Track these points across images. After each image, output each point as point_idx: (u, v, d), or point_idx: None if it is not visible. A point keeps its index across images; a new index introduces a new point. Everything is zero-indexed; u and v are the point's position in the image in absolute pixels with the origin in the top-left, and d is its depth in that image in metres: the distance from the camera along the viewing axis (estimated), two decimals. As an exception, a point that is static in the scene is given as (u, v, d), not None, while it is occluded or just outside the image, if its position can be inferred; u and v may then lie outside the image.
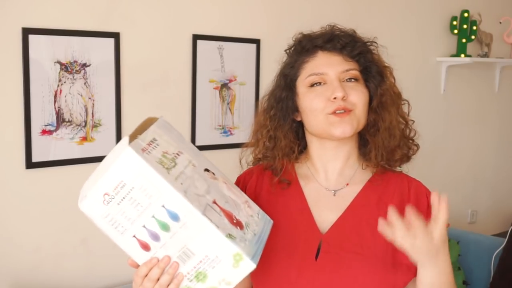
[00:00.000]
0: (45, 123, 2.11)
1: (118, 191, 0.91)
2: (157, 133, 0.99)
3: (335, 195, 1.18)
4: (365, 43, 1.19)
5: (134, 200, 0.91)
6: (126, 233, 0.94)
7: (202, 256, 0.94)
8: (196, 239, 0.93)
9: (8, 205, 2.09)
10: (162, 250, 0.95)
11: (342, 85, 1.12)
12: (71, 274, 2.24)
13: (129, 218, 0.93)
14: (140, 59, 2.34)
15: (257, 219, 1.05)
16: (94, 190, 0.93)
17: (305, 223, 1.15)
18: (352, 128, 1.12)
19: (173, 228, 0.93)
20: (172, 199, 0.91)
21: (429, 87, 3.55)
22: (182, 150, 1.01)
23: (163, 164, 0.93)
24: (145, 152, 0.92)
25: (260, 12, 2.69)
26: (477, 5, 3.63)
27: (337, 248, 1.11)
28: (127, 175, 0.90)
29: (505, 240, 2.84)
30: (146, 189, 0.91)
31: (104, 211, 0.93)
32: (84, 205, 0.94)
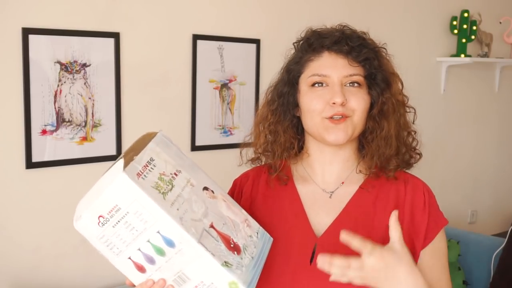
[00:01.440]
0: (45, 123, 2.11)
1: (113, 214, 0.91)
2: (155, 151, 0.98)
3: (331, 197, 1.18)
4: (374, 48, 1.16)
5: (129, 224, 0.91)
6: (121, 254, 0.94)
7: (198, 282, 0.94)
8: (192, 265, 0.93)
9: (8, 205, 2.09)
10: (158, 273, 0.95)
11: (343, 90, 1.10)
12: (71, 274, 2.24)
13: (124, 241, 0.92)
14: (140, 59, 2.34)
15: (256, 240, 1.05)
16: (89, 211, 0.92)
17: (300, 226, 1.15)
18: (346, 136, 1.11)
19: (169, 253, 0.92)
20: (167, 226, 0.90)
21: (429, 87, 3.55)
22: (181, 169, 1.00)
23: (159, 188, 0.92)
24: (140, 176, 0.91)
25: (260, 12, 2.69)
26: (477, 5, 3.63)
27: (331, 252, 1.10)
28: (122, 200, 0.90)
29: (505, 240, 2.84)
30: (141, 214, 0.90)
31: (99, 232, 0.93)
32: (79, 225, 0.94)
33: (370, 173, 1.16)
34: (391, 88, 1.15)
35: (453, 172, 3.77)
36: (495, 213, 4.11)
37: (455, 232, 3.02)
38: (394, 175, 1.16)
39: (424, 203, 1.13)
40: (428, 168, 3.52)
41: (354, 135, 1.14)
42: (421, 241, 1.12)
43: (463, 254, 2.88)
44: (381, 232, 1.11)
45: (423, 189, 1.16)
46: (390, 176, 1.15)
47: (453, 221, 3.73)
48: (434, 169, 3.54)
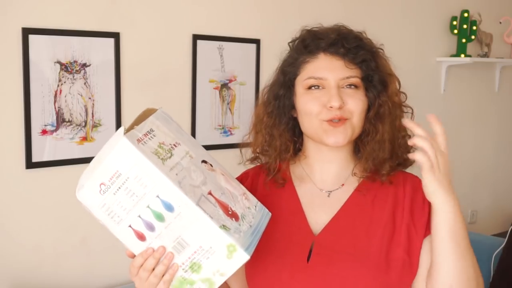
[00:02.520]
0: (45, 123, 2.11)
1: (114, 181, 0.93)
2: (155, 124, 1.00)
3: (330, 196, 1.18)
4: (371, 49, 1.15)
5: (130, 190, 0.93)
6: (122, 223, 0.95)
7: (197, 247, 0.95)
8: (190, 229, 0.94)
9: (8, 205, 2.09)
10: (158, 240, 0.95)
11: (340, 93, 1.10)
12: (71, 273, 2.24)
13: (125, 208, 0.94)
14: (140, 59, 2.34)
15: (254, 211, 1.05)
16: (91, 180, 0.94)
17: (298, 225, 1.15)
18: (345, 138, 1.11)
19: (168, 218, 0.93)
20: (166, 189, 0.92)
21: (429, 87, 3.55)
22: (180, 142, 1.02)
23: (159, 154, 0.94)
24: (140, 142, 0.93)
25: (260, 12, 2.69)
26: (477, 5, 3.63)
27: (328, 250, 1.11)
28: (122, 165, 0.92)
29: (505, 240, 2.84)
30: (140, 179, 0.92)
31: (101, 200, 0.95)
32: (81, 194, 0.96)
33: (365, 176, 1.16)
34: (388, 90, 1.15)
35: (453, 172, 3.74)
36: (495, 213, 4.11)
37: (455, 232, 3.01)
38: (389, 178, 1.15)
39: (423, 198, 1.13)
40: (428, 168, 3.50)
41: (353, 137, 1.13)
42: (423, 232, 1.12)
43: (463, 254, 2.87)
44: (379, 231, 1.12)
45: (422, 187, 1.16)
46: (383, 180, 1.15)
47: (453, 221, 3.73)
48: (434, 169, 3.53)
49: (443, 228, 1.02)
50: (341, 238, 1.12)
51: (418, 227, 1.12)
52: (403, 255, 1.10)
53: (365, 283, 1.07)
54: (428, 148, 1.01)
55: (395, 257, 1.10)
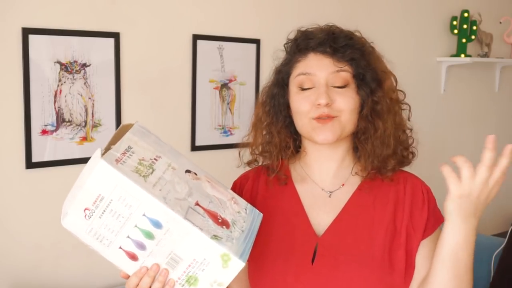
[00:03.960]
0: (45, 123, 2.11)
1: (98, 204, 0.92)
2: (132, 140, 0.99)
3: (331, 196, 1.18)
4: (361, 47, 1.16)
5: (115, 212, 0.91)
6: (111, 245, 0.94)
7: (190, 260, 0.94)
8: (182, 244, 0.93)
9: (8, 205, 2.09)
10: (150, 258, 0.94)
11: (328, 91, 1.11)
12: (71, 273, 2.24)
13: (112, 230, 0.93)
14: (140, 59, 2.34)
15: (244, 215, 1.05)
16: (74, 206, 0.94)
17: (301, 226, 1.15)
18: (334, 135, 1.11)
19: (158, 235, 0.92)
20: (152, 206, 0.90)
21: (429, 87, 3.55)
22: (161, 154, 1.00)
23: (140, 172, 0.93)
24: (119, 162, 0.91)
25: (260, 12, 2.69)
26: (477, 5, 3.63)
27: (333, 251, 1.11)
28: (104, 188, 0.90)
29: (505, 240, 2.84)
30: (124, 199, 0.90)
31: (87, 225, 0.94)
32: (67, 222, 0.96)
33: (367, 175, 1.16)
34: (383, 87, 1.15)
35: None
36: (495, 213, 4.11)
37: (455, 232, 3.01)
38: (391, 176, 1.15)
39: (423, 201, 1.14)
40: (428, 167, 3.50)
41: (344, 134, 1.14)
42: (421, 234, 1.12)
43: (463, 254, 2.87)
44: (381, 232, 1.12)
45: (422, 188, 1.17)
46: (387, 178, 1.15)
47: (453, 221, 3.73)
48: (434, 168, 3.52)
49: (445, 249, 1.01)
50: (345, 239, 1.12)
51: (416, 229, 1.13)
52: (405, 256, 1.11)
53: (370, 284, 1.07)
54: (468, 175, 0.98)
55: (398, 258, 1.10)
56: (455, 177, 0.96)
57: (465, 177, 0.97)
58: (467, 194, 0.96)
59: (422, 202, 1.14)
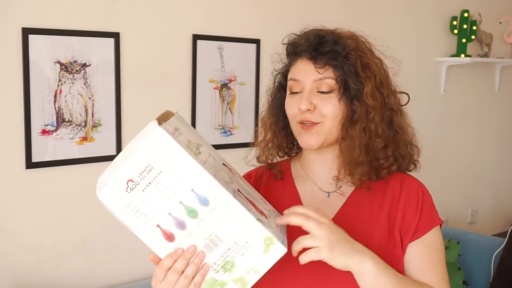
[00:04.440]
0: (45, 123, 2.11)
1: (144, 176, 0.88)
2: (178, 124, 0.97)
3: (329, 196, 1.19)
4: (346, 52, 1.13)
5: (161, 185, 0.88)
6: (148, 222, 0.90)
7: (231, 243, 0.91)
8: (226, 224, 0.90)
9: (8, 205, 2.09)
10: (188, 239, 0.91)
11: (311, 96, 1.12)
12: (71, 274, 2.24)
13: (154, 205, 0.89)
14: (140, 59, 2.34)
15: (274, 214, 1.05)
16: (116, 177, 0.88)
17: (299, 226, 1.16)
18: (317, 141, 1.12)
19: (201, 214, 0.89)
20: (203, 181, 0.88)
21: (429, 87, 3.55)
22: (202, 143, 0.99)
23: (191, 148, 0.91)
24: (173, 135, 0.89)
25: (260, 12, 2.69)
26: (477, 5, 3.63)
27: None
28: (156, 158, 0.87)
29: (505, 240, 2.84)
30: (175, 172, 0.88)
31: (127, 199, 0.89)
32: (104, 193, 0.89)
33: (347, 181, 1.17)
34: (362, 94, 1.12)
35: (453, 172, 3.77)
36: (495, 213, 4.11)
37: (455, 232, 3.02)
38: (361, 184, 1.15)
39: (417, 202, 1.14)
40: (428, 168, 3.50)
41: (328, 141, 1.14)
42: (410, 236, 1.13)
43: (463, 254, 2.88)
44: (377, 232, 1.13)
45: (418, 190, 1.17)
46: (355, 185, 1.15)
47: (453, 221, 3.74)
48: (434, 169, 3.54)
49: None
50: None
51: (407, 231, 1.13)
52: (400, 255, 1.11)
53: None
54: (308, 226, 0.97)
55: (395, 256, 1.12)
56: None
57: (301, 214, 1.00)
58: (327, 242, 0.98)
59: (416, 203, 1.14)
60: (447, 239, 2.88)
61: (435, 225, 1.14)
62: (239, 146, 2.60)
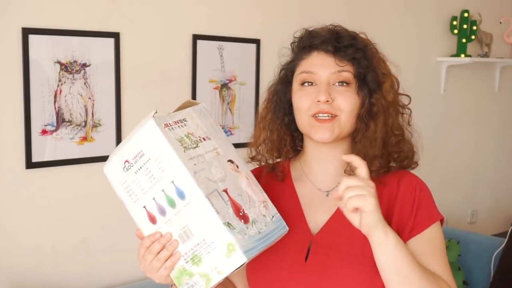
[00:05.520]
0: (45, 123, 2.11)
1: (137, 160, 0.97)
2: (190, 115, 1.04)
3: (328, 195, 1.19)
4: (363, 48, 1.16)
5: (149, 172, 0.97)
6: (138, 202, 0.99)
7: (200, 239, 0.96)
8: (197, 221, 0.96)
9: (8, 205, 2.09)
10: (166, 225, 0.98)
11: (329, 89, 1.12)
12: (71, 274, 2.24)
13: (142, 188, 0.98)
14: (140, 59, 2.34)
15: (269, 221, 1.06)
16: (118, 155, 1.00)
17: (297, 225, 1.16)
18: (331, 135, 1.12)
19: (179, 205, 0.96)
20: (181, 176, 0.95)
21: (429, 87, 3.55)
22: (211, 137, 1.04)
23: (183, 142, 0.98)
24: (167, 127, 0.97)
25: (260, 12, 2.69)
26: (477, 5, 3.63)
27: (326, 249, 1.12)
28: (146, 146, 0.96)
29: (505, 240, 2.84)
30: (160, 162, 0.95)
31: (123, 177, 1.00)
32: (108, 168, 1.01)
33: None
34: (382, 89, 1.15)
35: (453, 172, 3.77)
36: (495, 213, 4.11)
37: (455, 232, 3.02)
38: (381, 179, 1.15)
39: (414, 199, 1.14)
40: (428, 168, 3.50)
41: (342, 134, 1.14)
42: (407, 234, 1.12)
43: (463, 254, 2.88)
44: None
45: (415, 186, 1.16)
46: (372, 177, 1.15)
47: (453, 221, 3.73)
48: (434, 169, 3.53)
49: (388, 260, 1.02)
50: (339, 238, 1.12)
51: (404, 228, 1.12)
52: None
53: (362, 283, 1.08)
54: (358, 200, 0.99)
55: None
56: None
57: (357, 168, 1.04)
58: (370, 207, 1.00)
59: (412, 200, 1.14)
60: (447, 239, 2.88)
61: (433, 222, 1.13)
62: (239, 146, 2.58)
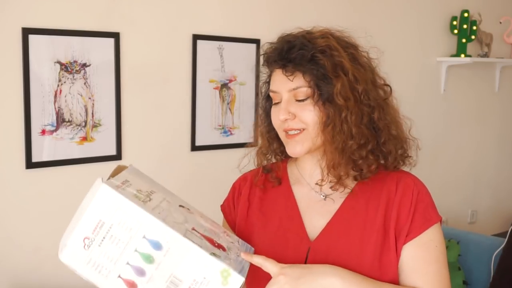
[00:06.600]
0: (45, 123, 2.11)
1: (98, 231, 0.92)
2: (129, 176, 1.01)
3: (326, 199, 1.18)
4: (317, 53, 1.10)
5: (115, 238, 0.92)
6: (110, 275, 0.94)
7: (190, 282, 0.94)
8: (182, 264, 0.93)
9: (8, 205, 2.09)
10: (150, 284, 0.94)
11: (289, 106, 1.11)
12: (71, 274, 2.24)
13: (112, 258, 0.93)
14: (140, 59, 2.34)
15: (238, 245, 1.07)
16: (73, 236, 0.94)
17: (295, 230, 1.16)
18: (302, 148, 1.12)
19: (157, 258, 0.93)
20: (152, 227, 0.92)
21: (429, 87, 3.55)
22: (155, 190, 1.03)
23: (139, 197, 0.95)
24: (120, 188, 0.94)
25: (260, 12, 2.69)
26: (477, 5, 3.63)
27: (323, 256, 1.11)
28: (105, 212, 0.92)
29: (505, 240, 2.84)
30: (125, 222, 0.92)
31: (86, 256, 0.93)
32: (65, 254, 0.95)
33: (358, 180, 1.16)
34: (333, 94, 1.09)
35: (453, 172, 3.77)
36: (495, 213, 4.11)
37: (455, 232, 3.02)
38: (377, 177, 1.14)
39: (411, 202, 1.12)
40: (428, 168, 3.52)
41: (314, 146, 1.13)
42: (403, 238, 1.11)
43: (463, 254, 2.87)
44: (373, 235, 1.12)
45: (413, 188, 1.14)
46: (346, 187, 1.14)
47: (453, 221, 3.73)
48: (434, 169, 3.53)
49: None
50: (336, 244, 1.12)
51: (402, 232, 1.11)
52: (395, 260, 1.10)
53: None
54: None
55: (388, 261, 1.10)
56: None
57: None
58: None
59: (409, 203, 1.12)
60: (447, 239, 2.88)
61: (431, 225, 1.12)
62: (239, 146, 2.60)
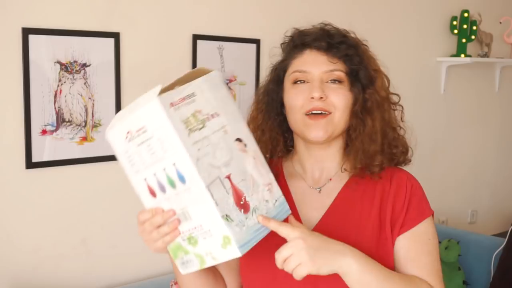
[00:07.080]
0: (45, 123, 2.11)
1: (140, 134, 0.94)
2: (200, 88, 0.98)
3: (320, 192, 1.19)
4: (355, 45, 1.17)
5: (151, 148, 0.93)
6: (139, 174, 0.97)
7: (197, 224, 0.95)
8: (196, 206, 0.94)
9: (8, 205, 2.09)
10: (166, 202, 0.97)
11: (322, 86, 1.12)
12: (71, 274, 2.24)
13: (144, 162, 0.95)
14: (140, 59, 2.34)
15: (271, 206, 1.02)
16: (121, 124, 0.97)
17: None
18: (325, 133, 1.12)
19: (179, 187, 0.94)
20: (183, 162, 0.91)
21: (429, 87, 3.55)
22: (220, 112, 0.98)
23: (188, 124, 0.93)
24: (173, 107, 0.92)
25: (260, 12, 2.69)
26: (477, 5, 3.63)
27: None
28: (149, 124, 0.93)
29: (505, 240, 2.84)
30: (163, 142, 0.92)
31: (125, 146, 0.97)
32: (111, 134, 1.00)
33: (355, 172, 1.17)
34: (374, 85, 1.16)
35: (453, 172, 3.77)
36: (495, 213, 4.12)
37: (455, 232, 3.02)
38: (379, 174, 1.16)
39: (404, 196, 1.15)
40: (428, 168, 3.52)
41: (335, 133, 1.14)
42: (398, 229, 1.13)
43: (463, 254, 2.88)
44: (369, 227, 1.13)
45: (407, 182, 1.16)
46: (374, 173, 1.15)
47: (453, 221, 3.74)
48: (434, 169, 3.53)
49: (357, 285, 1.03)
50: (332, 236, 1.12)
51: (396, 224, 1.13)
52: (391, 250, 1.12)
53: None
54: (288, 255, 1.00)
55: (384, 252, 1.12)
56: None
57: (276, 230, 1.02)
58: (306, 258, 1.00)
59: (404, 196, 1.14)
60: (447, 239, 2.88)
61: (423, 218, 1.14)
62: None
